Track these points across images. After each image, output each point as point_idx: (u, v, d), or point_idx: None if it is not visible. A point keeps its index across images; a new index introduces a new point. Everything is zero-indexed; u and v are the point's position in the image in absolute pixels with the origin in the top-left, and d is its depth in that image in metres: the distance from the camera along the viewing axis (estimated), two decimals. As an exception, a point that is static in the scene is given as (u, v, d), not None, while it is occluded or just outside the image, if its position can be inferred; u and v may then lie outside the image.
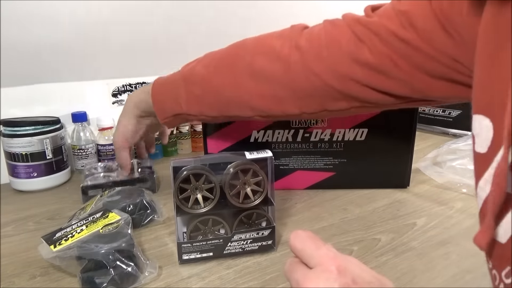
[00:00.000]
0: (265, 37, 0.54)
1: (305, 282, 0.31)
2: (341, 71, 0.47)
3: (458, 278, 0.45)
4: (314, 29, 0.51)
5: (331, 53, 0.47)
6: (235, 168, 0.49)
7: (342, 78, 0.47)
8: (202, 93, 0.55)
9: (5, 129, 0.73)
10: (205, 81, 0.55)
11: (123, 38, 0.82)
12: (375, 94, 0.48)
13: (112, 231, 0.48)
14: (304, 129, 0.68)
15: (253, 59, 0.52)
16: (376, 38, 0.44)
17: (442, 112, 1.08)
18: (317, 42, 0.49)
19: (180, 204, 0.49)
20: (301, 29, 0.52)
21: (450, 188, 0.70)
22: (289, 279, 0.33)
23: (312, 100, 0.51)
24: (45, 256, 0.47)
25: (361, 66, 0.46)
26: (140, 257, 0.47)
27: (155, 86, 0.60)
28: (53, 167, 0.76)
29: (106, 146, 0.86)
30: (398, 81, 0.45)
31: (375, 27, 0.44)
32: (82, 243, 0.47)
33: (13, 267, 0.50)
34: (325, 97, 0.50)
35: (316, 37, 0.49)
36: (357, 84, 0.47)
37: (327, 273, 0.30)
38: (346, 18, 0.49)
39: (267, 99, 0.52)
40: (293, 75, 0.50)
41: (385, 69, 0.45)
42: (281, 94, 0.51)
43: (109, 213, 0.53)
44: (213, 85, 0.54)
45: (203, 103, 0.56)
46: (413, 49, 0.42)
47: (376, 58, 0.45)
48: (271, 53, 0.51)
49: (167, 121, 0.59)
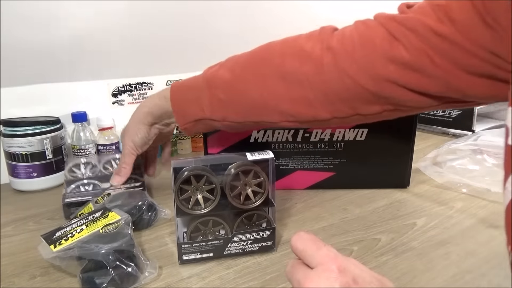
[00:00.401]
0: (293, 39, 0.52)
1: (306, 282, 0.31)
2: (376, 72, 0.46)
3: (458, 278, 0.45)
4: (345, 30, 0.49)
5: (365, 53, 0.46)
6: (236, 169, 0.49)
7: (377, 78, 0.46)
8: (226, 97, 0.53)
9: (5, 129, 0.73)
10: (230, 85, 0.53)
11: (123, 38, 0.82)
12: (411, 95, 0.46)
13: (112, 231, 0.48)
14: (304, 129, 0.68)
15: (282, 61, 0.50)
16: (412, 34, 0.43)
17: (442, 112, 1.08)
18: (350, 43, 0.47)
19: (181, 205, 0.49)
20: (331, 30, 0.50)
21: (450, 188, 0.71)
22: (291, 279, 0.33)
23: (344, 103, 0.49)
24: (45, 256, 0.47)
25: (396, 65, 0.44)
26: (140, 257, 0.47)
27: (174, 90, 0.57)
28: (53, 167, 0.76)
29: (106, 146, 0.86)
30: (435, 79, 0.44)
31: (410, 23, 0.43)
32: (82, 243, 0.46)
33: (13, 267, 0.50)
34: (358, 100, 0.48)
35: (349, 38, 0.48)
36: (393, 85, 0.46)
37: (328, 273, 0.30)
38: (378, 17, 0.47)
39: (297, 103, 0.50)
40: (325, 77, 0.48)
41: (421, 66, 0.43)
42: (312, 97, 0.49)
43: (109, 213, 0.53)
44: (239, 88, 0.53)
45: (227, 108, 0.54)
46: (450, 44, 0.41)
47: (412, 55, 0.43)
48: (302, 55, 0.49)
49: (188, 126, 0.57)
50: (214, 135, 0.68)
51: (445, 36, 0.41)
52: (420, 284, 0.45)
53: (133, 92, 0.93)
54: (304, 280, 0.31)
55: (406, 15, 0.45)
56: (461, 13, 0.40)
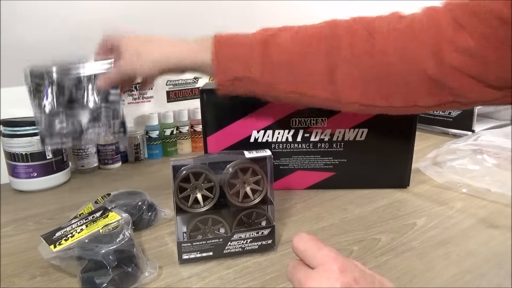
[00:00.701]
0: (359, 20, 0.51)
1: (307, 282, 0.31)
2: (441, 57, 0.45)
3: (458, 278, 0.45)
4: (414, 14, 0.49)
5: (431, 34, 0.45)
6: (235, 167, 0.49)
7: (441, 64, 0.45)
8: (281, 62, 0.51)
9: (5, 129, 0.73)
10: (289, 51, 0.50)
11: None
12: (473, 84, 0.45)
13: (112, 231, 0.48)
14: (304, 129, 0.68)
15: (348, 40, 0.49)
16: (477, 20, 0.42)
17: (442, 112, 1.09)
18: (418, 26, 0.47)
19: (180, 204, 0.49)
20: (398, 14, 0.50)
21: (450, 188, 0.71)
22: (292, 279, 0.33)
23: (404, 90, 0.48)
24: (45, 256, 0.47)
25: (460, 52, 0.44)
26: (140, 257, 0.47)
27: (219, 42, 0.53)
28: (53, 167, 0.76)
29: (106, 146, 0.86)
30: (499, 67, 0.43)
31: (477, 9, 0.43)
32: (82, 243, 0.47)
33: (13, 267, 0.50)
34: (419, 88, 0.48)
35: (418, 22, 0.47)
36: (456, 72, 0.45)
37: (329, 273, 0.30)
38: (447, 4, 0.47)
39: (356, 83, 0.49)
40: (390, 58, 0.47)
41: (485, 53, 0.43)
42: (372, 78, 0.48)
43: (109, 213, 0.53)
44: (297, 57, 0.50)
45: (278, 73, 0.51)
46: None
47: (477, 42, 0.43)
48: (368, 36, 0.48)
49: (226, 84, 0.53)
50: (214, 135, 0.68)
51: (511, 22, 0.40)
52: (420, 284, 0.45)
53: (133, 92, 0.93)
54: (305, 280, 0.31)
55: (472, 1, 0.43)
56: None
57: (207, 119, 0.67)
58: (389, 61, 0.48)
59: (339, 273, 0.30)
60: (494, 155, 0.79)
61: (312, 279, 0.31)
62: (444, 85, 0.47)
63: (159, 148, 0.95)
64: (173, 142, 0.96)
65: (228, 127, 0.68)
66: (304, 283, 0.31)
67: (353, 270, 0.30)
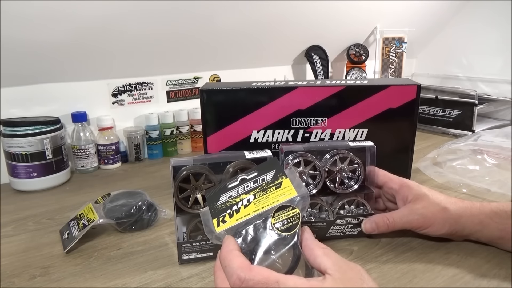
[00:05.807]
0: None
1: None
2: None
3: (458, 278, 0.45)
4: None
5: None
6: (234, 167, 0.49)
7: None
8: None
9: (5, 129, 0.73)
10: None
11: (123, 38, 0.82)
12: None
13: (285, 226, 0.37)
14: (304, 129, 0.67)
15: None
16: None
17: (442, 112, 1.09)
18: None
19: (180, 204, 0.49)
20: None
21: (450, 188, 0.70)
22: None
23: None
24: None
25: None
26: None
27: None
28: (53, 167, 0.76)
29: (106, 146, 0.86)
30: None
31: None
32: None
33: (13, 267, 0.50)
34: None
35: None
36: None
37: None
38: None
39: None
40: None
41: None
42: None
43: (282, 179, 0.40)
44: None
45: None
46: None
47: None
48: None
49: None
50: (214, 135, 0.68)
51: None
52: (420, 284, 0.45)
53: (133, 92, 0.93)
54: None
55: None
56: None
57: (207, 119, 0.67)
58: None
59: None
60: (494, 155, 0.79)
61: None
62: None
63: (159, 148, 0.95)
64: (173, 142, 0.96)
65: (228, 127, 0.68)
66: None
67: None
